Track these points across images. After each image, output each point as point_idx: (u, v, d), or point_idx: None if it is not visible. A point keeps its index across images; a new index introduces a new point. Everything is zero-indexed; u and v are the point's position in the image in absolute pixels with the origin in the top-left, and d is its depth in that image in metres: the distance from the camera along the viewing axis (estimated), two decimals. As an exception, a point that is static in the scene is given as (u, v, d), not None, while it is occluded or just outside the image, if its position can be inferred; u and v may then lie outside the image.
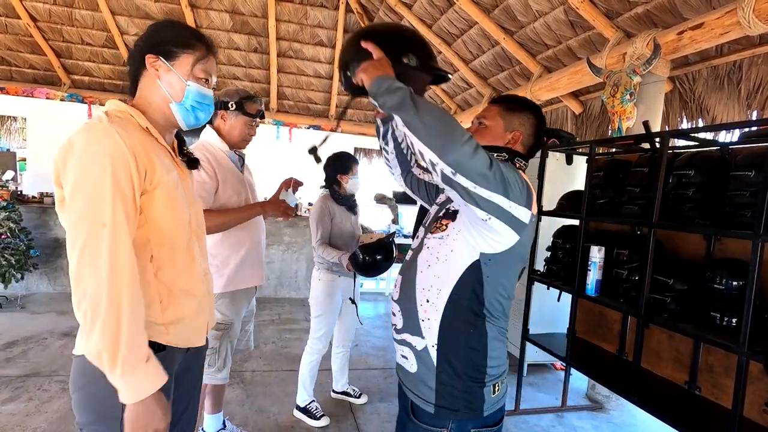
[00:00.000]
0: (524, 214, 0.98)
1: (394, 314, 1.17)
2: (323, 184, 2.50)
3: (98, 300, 0.83)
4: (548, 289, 2.51)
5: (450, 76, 1.24)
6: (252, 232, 2.07)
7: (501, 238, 0.99)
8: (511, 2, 3.38)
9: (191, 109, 1.02)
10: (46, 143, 5.86)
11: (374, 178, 6.93)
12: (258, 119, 1.94)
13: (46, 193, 4.76)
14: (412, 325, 1.09)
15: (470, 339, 1.04)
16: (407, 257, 1.19)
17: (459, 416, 1.04)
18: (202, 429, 2.05)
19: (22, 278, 3.89)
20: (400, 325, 1.13)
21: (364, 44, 1.04)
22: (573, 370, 2.70)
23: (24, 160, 7.04)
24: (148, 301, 0.96)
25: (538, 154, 3.17)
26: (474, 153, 0.89)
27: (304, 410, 2.40)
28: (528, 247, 1.09)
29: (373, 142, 7.02)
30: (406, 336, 1.10)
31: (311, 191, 5.54)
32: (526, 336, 2.66)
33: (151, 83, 0.99)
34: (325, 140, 1.41)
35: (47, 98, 5.78)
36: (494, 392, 1.06)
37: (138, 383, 0.86)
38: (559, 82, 3.40)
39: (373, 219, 6.39)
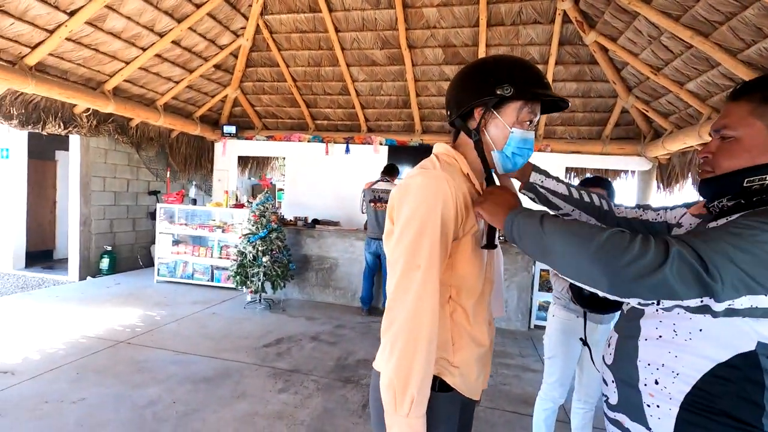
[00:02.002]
0: None
1: (605, 382, 0.91)
2: None
3: (400, 334, 0.87)
4: None
5: (566, 100, 1.01)
6: (496, 262, 2.01)
7: None
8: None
9: (511, 156, 0.99)
10: (297, 177, 7.33)
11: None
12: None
13: (299, 217, 5.88)
14: (631, 406, 0.82)
15: None
16: (625, 307, 0.93)
17: None
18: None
19: (284, 286, 4.85)
20: (614, 401, 0.87)
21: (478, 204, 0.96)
22: None
23: (282, 190, 9.06)
24: (443, 339, 0.98)
25: None
26: (657, 267, 0.63)
27: (541, 465, 2.15)
28: None
29: (586, 160, 6.29)
30: (621, 417, 0.84)
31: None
32: None
33: (478, 130, 1.00)
34: None
35: (299, 141, 7.24)
36: None
37: (414, 427, 0.86)
38: None
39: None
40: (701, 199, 0.91)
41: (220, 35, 5.56)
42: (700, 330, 0.75)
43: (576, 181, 6.55)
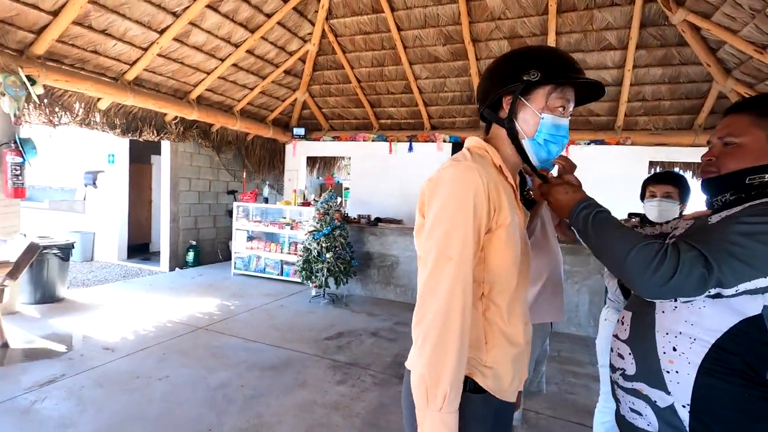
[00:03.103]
0: None
1: (621, 356, 0.99)
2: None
3: (431, 329, 0.86)
4: None
5: (601, 85, 0.97)
6: (550, 262, 1.91)
7: None
8: None
9: (544, 144, 0.95)
10: (362, 176, 7.48)
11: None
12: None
13: (362, 215, 6.01)
14: (650, 374, 0.92)
15: (744, 404, 0.82)
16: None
17: None
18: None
19: (346, 282, 4.99)
20: (631, 371, 0.96)
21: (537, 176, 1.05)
22: None
23: (347, 189, 9.32)
24: (475, 338, 0.95)
25: None
26: (684, 280, 0.78)
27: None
28: None
29: (674, 153, 5.67)
30: (640, 386, 0.93)
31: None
32: None
33: (510, 119, 0.98)
34: None
35: (363, 140, 7.40)
36: None
37: (447, 423, 0.85)
38: None
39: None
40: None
41: (289, 42, 5.86)
42: (713, 299, 0.85)
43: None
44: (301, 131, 7.53)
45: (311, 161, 8.67)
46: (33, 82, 3.82)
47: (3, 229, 3.86)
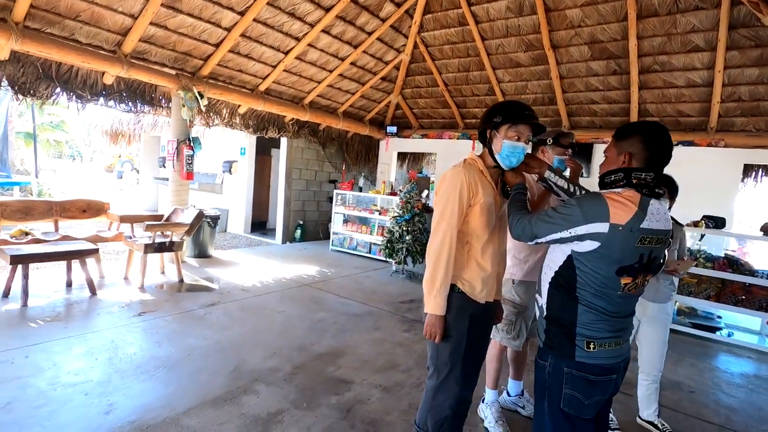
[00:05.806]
0: (596, 228, 1.33)
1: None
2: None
3: (432, 256, 1.65)
4: None
5: (542, 126, 1.66)
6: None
7: (581, 245, 1.39)
8: None
9: (506, 157, 1.67)
10: (445, 170, 8.17)
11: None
12: (570, 150, 2.36)
13: (441, 205, 6.75)
14: (540, 287, 1.58)
15: (564, 303, 1.45)
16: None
17: (555, 353, 1.46)
18: (506, 389, 2.65)
19: (422, 261, 5.79)
20: (536, 287, 1.62)
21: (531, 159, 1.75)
22: None
23: (433, 182, 10.10)
24: (460, 264, 1.71)
25: None
26: (519, 231, 1.53)
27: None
28: (622, 252, 1.34)
29: (779, 156, 5.37)
30: (537, 296, 1.60)
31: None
32: None
33: (489, 143, 1.72)
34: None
35: (449, 139, 8.08)
36: (587, 348, 1.40)
37: (438, 304, 1.63)
38: None
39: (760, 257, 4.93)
40: None
41: (386, 53, 6.80)
42: (557, 246, 1.48)
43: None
44: (393, 129, 8.47)
45: (401, 156, 9.59)
46: (201, 96, 5.27)
47: (179, 202, 5.42)
